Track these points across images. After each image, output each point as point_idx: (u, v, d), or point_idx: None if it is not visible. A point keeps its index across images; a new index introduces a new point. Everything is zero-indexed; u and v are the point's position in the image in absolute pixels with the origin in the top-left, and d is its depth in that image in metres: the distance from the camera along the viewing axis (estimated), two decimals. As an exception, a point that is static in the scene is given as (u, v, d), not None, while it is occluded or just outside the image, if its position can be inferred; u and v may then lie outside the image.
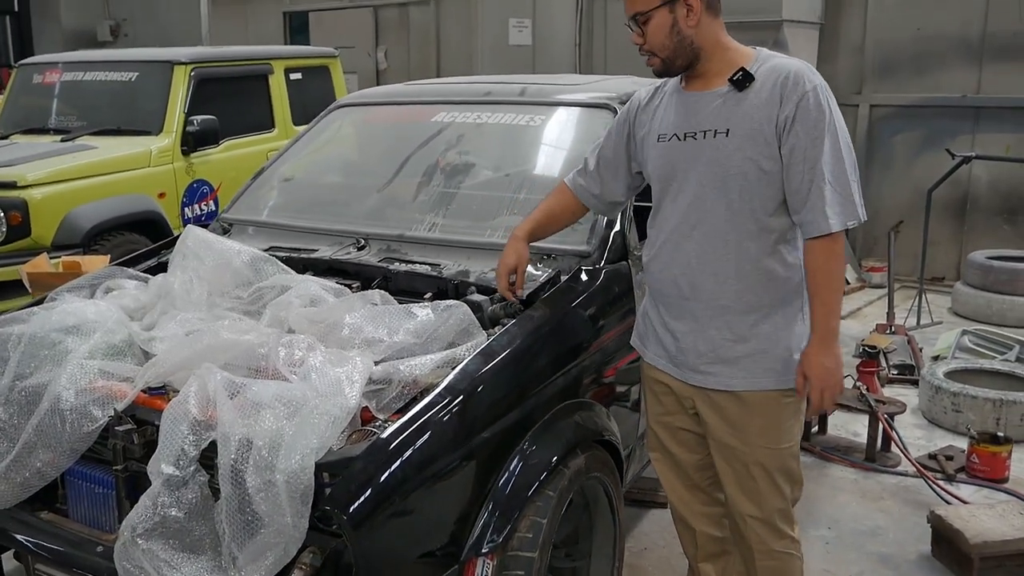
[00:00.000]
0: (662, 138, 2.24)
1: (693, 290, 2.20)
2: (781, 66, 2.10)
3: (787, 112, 2.04)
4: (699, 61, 2.15)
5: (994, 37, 6.99)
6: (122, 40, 13.09)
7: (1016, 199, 7.06)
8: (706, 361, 2.22)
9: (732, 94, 2.11)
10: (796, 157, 2.05)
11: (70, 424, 2.11)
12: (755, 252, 2.14)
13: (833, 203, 2.03)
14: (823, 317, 2.10)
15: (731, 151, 2.10)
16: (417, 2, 8.54)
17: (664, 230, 2.26)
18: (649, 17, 2.11)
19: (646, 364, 2.43)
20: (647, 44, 2.15)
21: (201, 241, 2.76)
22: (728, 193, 2.12)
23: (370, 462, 1.86)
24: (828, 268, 2.08)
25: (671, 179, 2.22)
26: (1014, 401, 4.18)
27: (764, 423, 2.22)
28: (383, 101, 3.85)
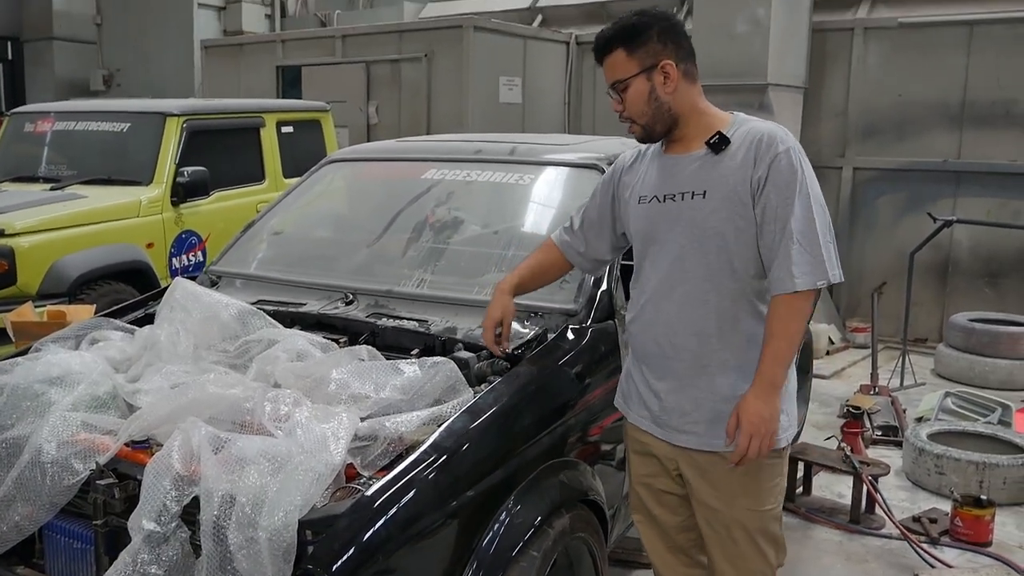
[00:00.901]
0: (643, 200, 2.28)
1: (675, 349, 2.22)
2: (755, 129, 2.15)
3: (760, 173, 2.09)
4: (678, 126, 2.21)
5: (973, 104, 7.16)
6: (115, 90, 13.19)
7: (996, 263, 7.15)
8: (689, 421, 2.22)
9: (709, 157, 2.17)
10: (768, 216, 2.09)
11: (51, 477, 2.09)
12: (735, 312, 2.16)
13: (800, 262, 2.05)
14: (770, 365, 2.08)
15: (708, 212, 2.14)
16: (409, 59, 8.66)
17: (646, 290, 2.29)
18: (628, 85, 2.18)
19: (630, 425, 2.42)
20: (627, 111, 2.21)
21: (189, 293, 2.76)
22: (707, 254, 2.16)
23: (354, 520, 1.85)
24: (787, 322, 2.08)
25: (651, 240, 2.26)
26: (996, 464, 4.19)
27: (746, 484, 2.22)
28: (374, 157, 3.90)
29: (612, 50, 2.19)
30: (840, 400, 5.45)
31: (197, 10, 12.53)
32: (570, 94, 9.37)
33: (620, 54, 2.18)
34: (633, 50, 2.16)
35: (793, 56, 7.32)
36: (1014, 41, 6.95)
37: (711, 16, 7.12)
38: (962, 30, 7.16)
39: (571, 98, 9.37)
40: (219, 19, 12.90)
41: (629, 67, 2.17)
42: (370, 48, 9.03)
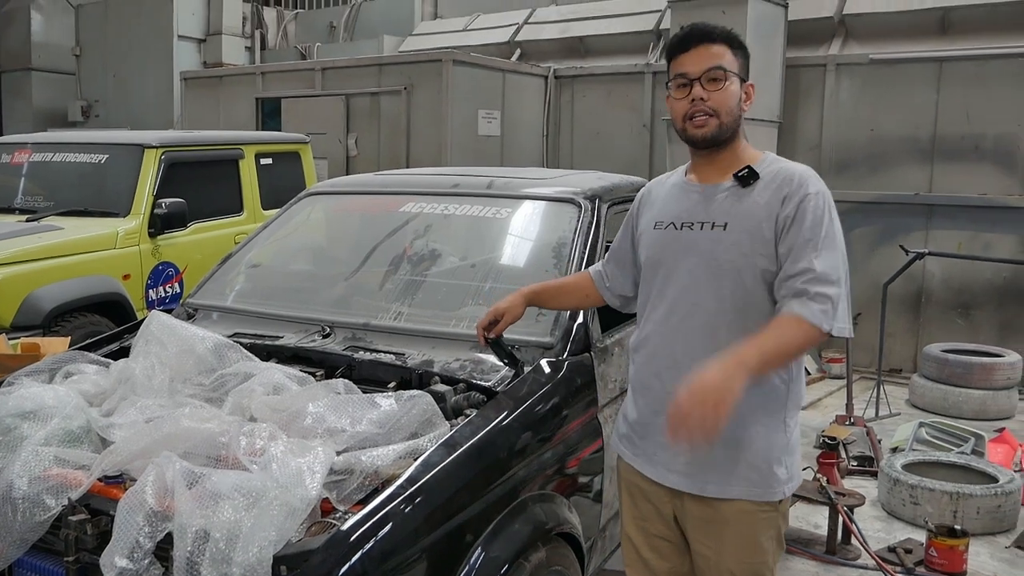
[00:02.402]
0: (658, 225, 2.22)
1: (676, 386, 1.99)
2: (787, 168, 2.11)
3: (788, 211, 2.03)
4: (727, 146, 2.14)
5: (944, 139, 7.29)
6: (93, 121, 13.17)
7: (968, 294, 7.25)
8: (683, 462, 2.14)
9: (735, 190, 2.11)
10: (791, 255, 2.01)
11: (22, 513, 2.07)
12: None
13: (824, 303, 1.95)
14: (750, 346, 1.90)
15: (728, 245, 2.07)
16: (389, 92, 8.72)
17: (652, 320, 2.21)
18: (728, 77, 2.09)
19: (624, 465, 2.35)
20: (714, 102, 2.08)
21: (165, 326, 2.75)
22: (720, 288, 2.08)
23: (329, 555, 1.84)
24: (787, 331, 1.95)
25: (659, 266, 2.19)
26: (970, 494, 4.22)
27: (740, 536, 2.13)
28: (353, 190, 3.91)
29: (716, 41, 2.11)
30: (816, 430, 5.49)
31: (177, 42, 12.57)
32: (548, 127, 9.45)
33: (726, 49, 2.11)
34: (736, 55, 2.12)
35: (767, 91, 7.44)
36: (982, 78, 7.11)
37: (687, 51, 7.22)
38: (932, 66, 7.31)
39: (549, 131, 9.46)
40: (199, 51, 12.95)
41: (733, 64, 2.10)
42: (350, 81, 9.09)
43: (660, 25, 9.27)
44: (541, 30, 10.47)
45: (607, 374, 2.82)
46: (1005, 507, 4.26)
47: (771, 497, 2.11)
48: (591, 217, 3.13)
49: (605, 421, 2.77)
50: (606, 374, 2.81)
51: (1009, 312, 7.12)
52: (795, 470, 2.16)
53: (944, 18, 7.66)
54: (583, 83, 9.33)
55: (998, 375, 6.24)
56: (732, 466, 2.10)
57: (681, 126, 2.15)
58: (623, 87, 9.04)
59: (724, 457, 2.09)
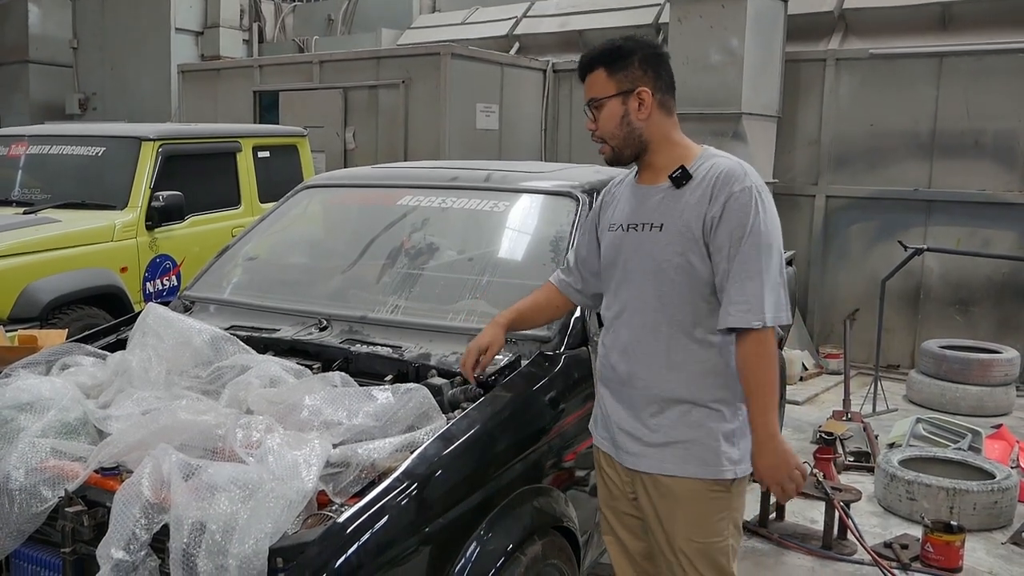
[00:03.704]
0: (612, 227, 2.33)
1: (629, 376, 2.25)
2: (716, 166, 2.17)
3: (714, 212, 2.11)
4: (647, 153, 2.24)
5: (943, 134, 7.29)
6: (91, 114, 13.14)
7: (967, 290, 7.25)
8: (640, 445, 2.24)
9: (671, 191, 2.20)
10: (720, 256, 2.11)
11: (19, 504, 2.07)
12: (689, 344, 2.18)
13: (739, 301, 2.07)
14: (758, 416, 2.12)
15: (663, 245, 2.17)
16: (387, 85, 8.70)
17: (608, 316, 2.35)
18: (602, 104, 2.21)
19: (596, 448, 2.45)
20: (599, 131, 2.24)
21: (162, 319, 2.75)
22: (660, 285, 2.19)
23: (325, 547, 1.84)
24: (756, 369, 2.10)
25: (614, 267, 2.30)
26: (967, 490, 4.23)
27: (690, 515, 2.21)
28: (350, 183, 3.91)
29: (594, 69, 2.22)
30: (813, 426, 5.50)
31: (174, 34, 12.54)
32: (547, 121, 9.44)
33: (600, 74, 2.21)
34: (613, 72, 2.20)
35: (767, 86, 7.44)
36: (982, 73, 7.10)
37: (686, 47, 7.22)
38: (932, 62, 7.30)
39: (548, 125, 9.44)
40: (196, 44, 12.92)
41: (607, 87, 2.20)
42: (348, 74, 9.07)
43: (659, 19, 9.25)
44: (540, 24, 10.45)
45: (604, 368, 2.82)
46: (1002, 503, 4.27)
47: (721, 475, 2.18)
48: (588, 211, 3.12)
49: (602, 415, 2.77)
50: (603, 368, 2.81)
51: (1007, 308, 7.12)
52: (745, 453, 2.22)
53: (944, 13, 7.65)
54: (582, 77, 9.30)
55: (996, 371, 6.24)
56: (686, 446, 2.19)
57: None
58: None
59: (679, 439, 2.19)
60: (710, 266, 2.13)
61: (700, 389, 2.18)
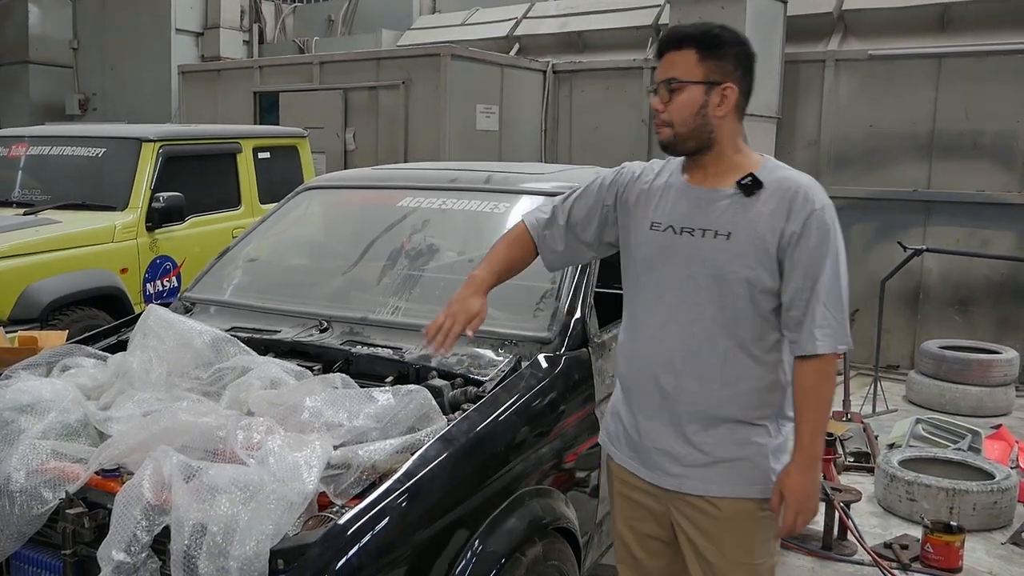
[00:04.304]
0: (655, 226, 2.15)
1: (676, 390, 2.11)
2: (791, 179, 2.05)
3: (794, 228, 1.99)
4: (708, 152, 2.09)
5: (942, 135, 7.29)
6: (91, 114, 13.14)
7: (966, 290, 7.26)
8: (682, 464, 2.12)
9: (738, 198, 2.05)
10: (796, 274, 2.00)
11: (19, 506, 2.07)
12: (745, 361, 2.07)
13: (824, 325, 1.98)
14: (809, 438, 2.03)
15: (732, 256, 2.03)
16: (387, 86, 8.70)
17: (647, 323, 2.16)
18: (683, 87, 2.04)
19: (615, 465, 2.31)
20: (667, 113, 2.07)
21: (162, 320, 2.75)
22: (723, 298, 2.05)
23: (326, 549, 1.85)
24: (816, 391, 2.02)
25: (656, 269, 2.14)
26: (966, 491, 4.23)
27: (740, 535, 2.12)
28: (350, 185, 3.91)
29: (683, 47, 2.05)
30: (813, 427, 5.49)
31: (175, 35, 12.54)
32: (547, 122, 9.44)
33: (691, 55, 2.04)
34: (705, 57, 2.04)
35: (766, 87, 7.44)
36: (981, 74, 7.11)
37: (685, 47, 7.21)
38: (931, 63, 7.30)
39: (547, 126, 9.45)
40: (197, 44, 12.92)
41: (694, 71, 2.04)
42: (348, 75, 9.08)
43: (659, 20, 9.26)
44: (540, 25, 10.46)
45: (604, 369, 2.82)
46: (1001, 503, 4.27)
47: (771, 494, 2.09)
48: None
49: (602, 416, 2.77)
50: (603, 369, 2.81)
51: (1006, 308, 7.13)
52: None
53: (943, 14, 7.66)
54: (581, 78, 9.31)
55: (995, 372, 6.24)
56: (737, 469, 2.09)
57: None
58: (621, 82, 9.02)
59: (728, 459, 2.09)
60: (778, 282, 2.03)
61: (750, 406, 2.08)
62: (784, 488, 2.03)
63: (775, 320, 2.07)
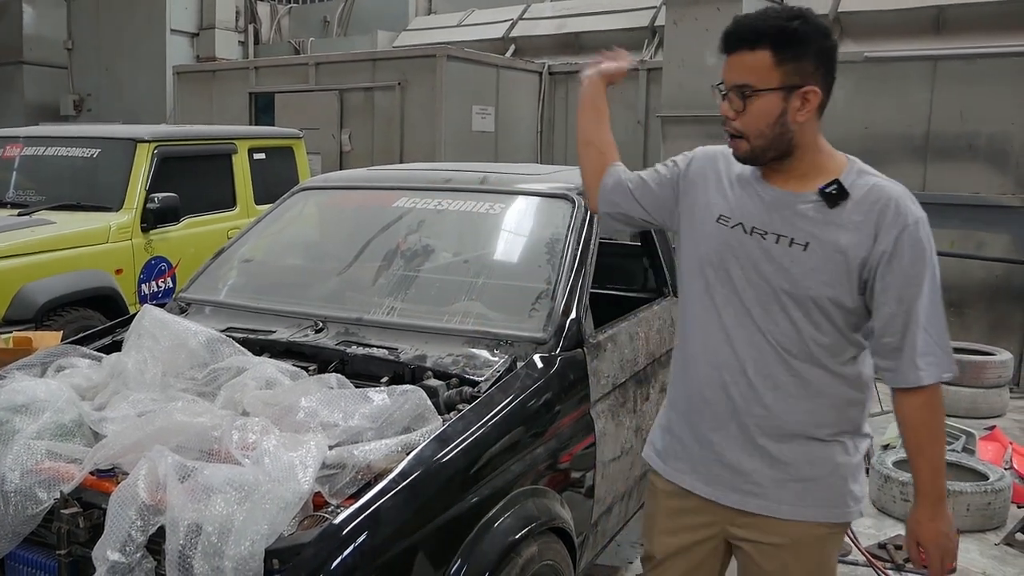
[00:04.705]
0: (723, 220, 1.96)
1: (746, 402, 1.95)
2: (880, 189, 1.84)
3: (884, 246, 1.81)
4: (788, 159, 1.89)
5: (938, 137, 7.31)
6: (86, 115, 13.13)
7: (960, 292, 7.27)
8: (749, 481, 1.97)
9: (819, 206, 1.86)
10: (889, 297, 1.83)
11: (14, 506, 2.07)
12: (822, 375, 1.92)
13: (927, 353, 1.82)
14: (930, 477, 1.87)
15: (807, 269, 1.85)
16: (382, 87, 8.71)
17: (714, 328, 1.99)
18: (758, 96, 1.82)
19: (662, 481, 2.15)
20: (740, 123, 1.86)
21: (157, 321, 2.75)
22: (794, 310, 1.88)
23: (321, 549, 1.85)
24: (931, 424, 1.86)
25: (722, 268, 1.96)
26: (960, 491, 4.24)
27: (807, 560, 1.99)
28: (346, 185, 3.91)
29: (757, 47, 1.81)
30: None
31: (170, 36, 12.55)
32: (542, 123, 9.45)
33: (765, 56, 1.80)
34: (783, 60, 1.80)
35: (761, 88, 7.44)
36: (976, 76, 7.13)
37: (681, 49, 7.24)
38: (926, 65, 7.32)
39: (543, 127, 9.46)
40: (192, 45, 12.92)
41: (769, 77, 1.81)
42: (343, 76, 9.09)
43: (655, 22, 9.28)
44: (535, 26, 10.48)
45: (600, 370, 2.82)
46: (995, 504, 4.28)
47: (847, 519, 1.99)
48: (584, 213, 3.13)
49: (597, 417, 2.78)
50: (599, 370, 2.82)
51: (1000, 311, 7.14)
52: (866, 488, 2.05)
53: (939, 17, 7.69)
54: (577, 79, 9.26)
55: (989, 373, 6.25)
56: (809, 489, 1.95)
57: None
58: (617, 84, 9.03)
59: (800, 478, 1.95)
60: (860, 302, 1.86)
61: (827, 422, 1.93)
62: (920, 538, 1.90)
63: (853, 336, 1.91)
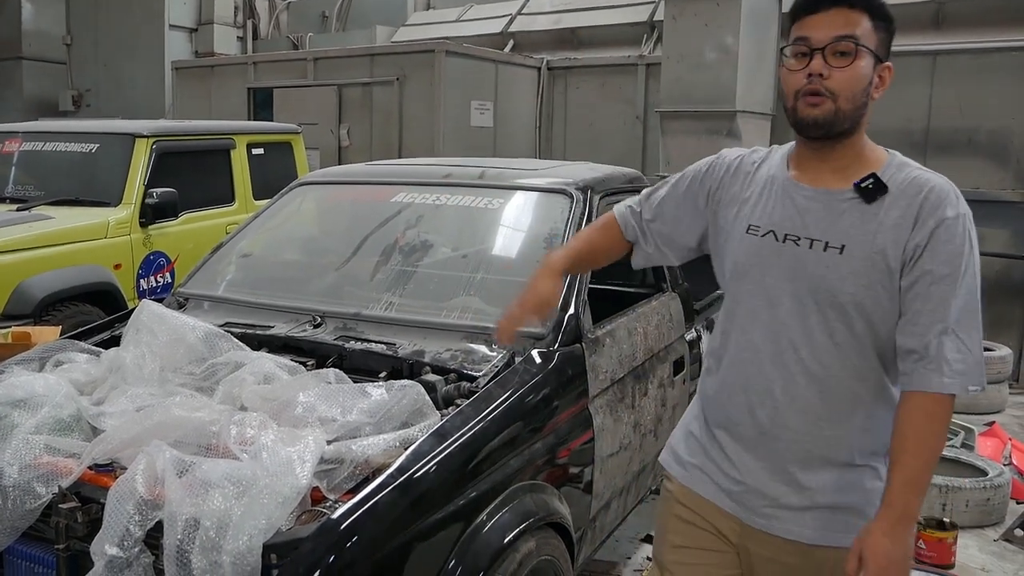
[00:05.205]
0: (753, 230, 1.83)
1: (774, 425, 1.81)
2: (922, 180, 1.72)
3: (919, 238, 1.67)
4: (846, 139, 1.76)
5: (937, 132, 7.32)
6: (85, 110, 13.12)
7: (960, 287, 7.27)
8: (774, 505, 1.83)
9: (856, 203, 1.72)
10: (918, 292, 1.67)
11: (12, 501, 2.07)
12: (858, 393, 1.77)
13: (955, 360, 1.65)
14: (902, 491, 1.66)
15: (845, 274, 1.71)
16: (381, 82, 8.70)
17: (742, 344, 1.86)
18: (860, 53, 1.71)
19: (678, 487, 2.00)
20: (835, 82, 1.70)
21: (155, 315, 2.75)
22: (833, 322, 1.74)
23: (319, 544, 1.85)
24: (925, 435, 1.67)
25: (753, 282, 1.83)
26: (959, 487, 4.24)
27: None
28: (344, 180, 3.91)
29: (855, 6, 1.73)
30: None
31: (168, 31, 12.53)
32: (541, 118, 9.45)
33: (864, 17, 1.73)
34: (877, 28, 1.74)
35: (761, 84, 7.44)
36: (975, 71, 7.13)
37: (681, 44, 7.23)
38: (925, 60, 7.32)
39: (542, 122, 9.45)
40: (191, 40, 12.91)
41: (870, 38, 1.72)
42: (342, 71, 9.07)
43: (654, 16, 9.27)
44: (534, 21, 10.46)
45: (598, 365, 2.82)
46: (994, 500, 4.29)
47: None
48: (583, 208, 3.14)
49: (596, 412, 2.78)
50: (597, 365, 2.82)
51: (1000, 306, 7.15)
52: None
53: (938, 12, 7.68)
54: (576, 75, 9.32)
55: (988, 369, 6.25)
56: (834, 511, 1.80)
57: (791, 104, 1.75)
58: (616, 79, 9.03)
59: (829, 504, 1.80)
60: (898, 304, 1.70)
61: (861, 447, 1.78)
62: (864, 549, 1.66)
63: (890, 347, 1.74)
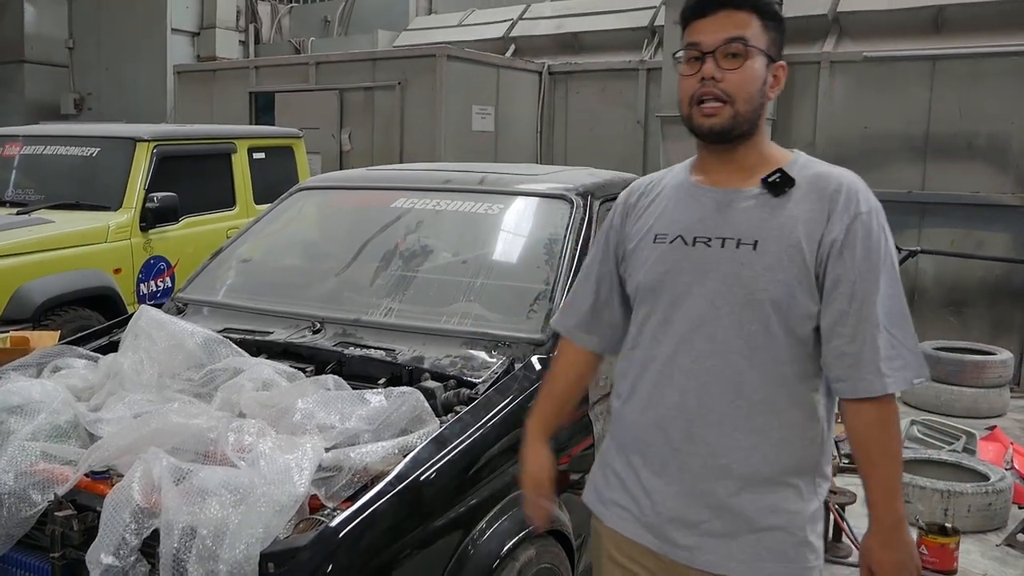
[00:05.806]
0: (660, 239, 1.76)
1: (687, 441, 1.70)
2: (829, 175, 1.70)
3: (835, 234, 1.63)
4: (746, 141, 1.72)
5: (937, 137, 7.31)
6: (86, 114, 13.13)
7: (961, 292, 7.26)
8: (695, 534, 1.71)
9: (764, 198, 1.68)
10: (841, 292, 1.62)
11: (7, 508, 2.06)
12: (777, 402, 1.67)
13: (891, 356, 1.61)
14: (883, 499, 1.63)
15: (760, 270, 1.65)
16: (382, 87, 8.69)
17: (653, 357, 1.75)
18: (751, 53, 1.67)
19: (606, 529, 1.87)
20: (729, 85, 1.67)
21: (154, 321, 2.74)
22: (749, 322, 1.65)
23: (317, 552, 1.84)
24: (885, 440, 1.63)
25: (663, 290, 1.74)
26: (961, 492, 4.23)
27: None
28: (345, 185, 3.90)
29: (742, 8, 1.69)
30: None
31: (170, 35, 12.54)
32: (542, 123, 9.44)
33: (752, 18, 1.68)
34: (767, 28, 1.70)
35: (761, 88, 7.43)
36: (975, 76, 7.12)
37: (681, 48, 7.22)
38: (925, 64, 7.32)
39: (543, 127, 9.45)
40: (192, 44, 12.92)
41: (760, 38, 1.68)
42: (343, 75, 9.07)
43: (655, 22, 9.27)
44: (535, 26, 10.46)
45: (598, 371, 2.81)
46: (996, 505, 4.27)
47: (806, 574, 1.71)
48: (583, 213, 3.13)
49: (595, 418, 2.77)
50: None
51: (1001, 310, 7.13)
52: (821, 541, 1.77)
53: (938, 16, 7.67)
54: (577, 79, 9.32)
55: (990, 373, 6.24)
56: (763, 540, 1.69)
57: (687, 112, 1.72)
58: (617, 83, 9.03)
59: (753, 530, 1.69)
60: (817, 302, 1.64)
61: (781, 461, 1.68)
62: (872, 564, 1.66)
63: (816, 351, 1.67)
